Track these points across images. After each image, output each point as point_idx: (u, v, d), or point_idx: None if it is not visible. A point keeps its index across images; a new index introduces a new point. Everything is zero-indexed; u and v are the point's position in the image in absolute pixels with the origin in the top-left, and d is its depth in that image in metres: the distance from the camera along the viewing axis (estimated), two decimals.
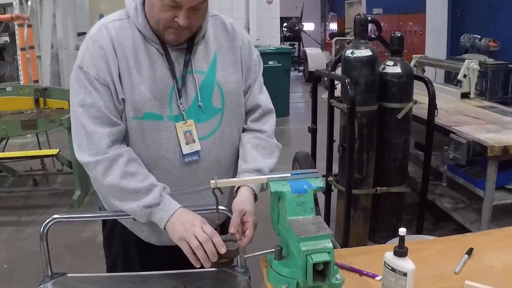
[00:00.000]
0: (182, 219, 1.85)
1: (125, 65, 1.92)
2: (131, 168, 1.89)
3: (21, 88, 6.24)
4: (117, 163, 1.87)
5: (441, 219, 4.60)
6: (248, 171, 2.05)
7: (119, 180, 1.87)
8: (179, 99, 1.96)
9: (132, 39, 1.94)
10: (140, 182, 1.88)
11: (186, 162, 1.99)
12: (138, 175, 1.89)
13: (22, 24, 8.07)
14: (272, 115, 2.28)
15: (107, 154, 1.87)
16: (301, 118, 10.32)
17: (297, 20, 19.29)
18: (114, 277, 2.17)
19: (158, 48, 1.96)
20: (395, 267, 1.54)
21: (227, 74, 2.08)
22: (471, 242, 2.05)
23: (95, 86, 1.90)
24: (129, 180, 1.87)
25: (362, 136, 3.74)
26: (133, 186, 1.87)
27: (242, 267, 2.09)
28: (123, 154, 1.89)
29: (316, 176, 1.80)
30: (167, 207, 1.88)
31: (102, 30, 1.95)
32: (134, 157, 1.93)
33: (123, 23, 1.97)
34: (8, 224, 5.44)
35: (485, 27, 8.98)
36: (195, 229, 1.80)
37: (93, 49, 1.92)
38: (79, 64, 1.93)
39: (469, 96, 4.98)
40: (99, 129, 1.89)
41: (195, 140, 1.99)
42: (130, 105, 1.92)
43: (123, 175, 1.87)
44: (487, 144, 3.42)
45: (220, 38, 2.11)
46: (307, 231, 1.61)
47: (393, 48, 3.83)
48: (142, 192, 1.87)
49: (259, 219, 1.95)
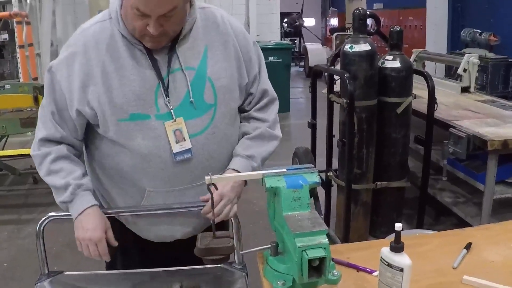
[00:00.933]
0: (84, 223, 1.97)
1: (104, 70, 1.91)
2: (56, 166, 1.99)
3: (20, 86, 6.20)
4: (44, 161, 2.00)
5: (442, 214, 4.59)
6: (240, 155, 2.08)
7: (45, 176, 2.01)
8: (166, 98, 1.94)
9: (113, 41, 1.93)
10: (59, 179, 1.98)
11: (178, 160, 1.97)
12: (61, 172, 1.99)
13: (21, 22, 8.04)
14: (276, 103, 2.28)
15: (39, 151, 2.01)
16: (302, 114, 10.30)
17: (297, 16, 19.27)
18: (111, 275, 2.16)
19: (141, 49, 1.93)
20: (391, 262, 1.53)
21: (219, 69, 2.03)
22: (470, 237, 2.03)
23: (55, 89, 1.96)
24: (52, 177, 1.99)
25: (361, 131, 3.73)
26: (53, 183, 1.99)
27: (239, 264, 2.09)
28: (51, 153, 2.00)
29: (312, 171, 1.79)
30: (77, 206, 1.97)
31: (78, 36, 1.97)
32: (62, 155, 2.01)
33: (104, 25, 1.95)
34: (8, 222, 5.43)
35: (485, 22, 8.96)
36: (90, 243, 1.95)
37: (66, 54, 1.96)
38: (51, 63, 1.99)
39: (469, 90, 4.96)
40: (42, 127, 2.01)
41: (186, 138, 1.97)
42: (114, 108, 1.92)
43: (48, 173, 2.00)
44: (487, 138, 3.41)
45: (211, 32, 2.05)
46: (303, 227, 1.60)
47: (392, 42, 3.82)
48: (60, 189, 1.98)
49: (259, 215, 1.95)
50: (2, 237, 5.07)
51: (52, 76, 1.96)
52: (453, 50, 9.17)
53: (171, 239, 2.15)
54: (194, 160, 2.00)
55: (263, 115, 2.20)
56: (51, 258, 2.00)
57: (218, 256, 1.80)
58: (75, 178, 1.98)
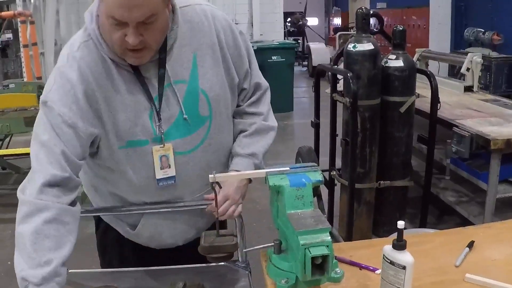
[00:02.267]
0: None
1: (102, 95, 1.78)
2: (48, 229, 1.64)
3: (24, 85, 6.22)
4: (38, 215, 1.65)
5: (445, 213, 4.59)
6: (241, 155, 2.05)
7: (29, 233, 1.63)
8: (158, 122, 1.86)
9: (102, 64, 1.78)
10: (43, 250, 1.62)
11: (160, 186, 1.93)
12: (49, 241, 1.64)
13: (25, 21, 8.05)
14: (268, 92, 2.20)
15: (36, 200, 1.67)
16: (305, 113, 10.28)
17: (300, 15, 19.25)
18: (114, 273, 2.16)
19: (128, 70, 1.81)
20: (393, 260, 1.53)
21: (210, 77, 1.94)
22: (472, 235, 2.03)
23: (56, 125, 1.72)
24: (37, 240, 1.63)
25: (364, 130, 3.73)
26: (32, 248, 1.62)
27: (243, 262, 2.09)
28: (50, 208, 1.66)
29: (315, 170, 1.79)
30: None
31: (70, 61, 1.77)
32: (61, 220, 1.68)
33: (88, 46, 1.79)
34: (12, 221, 5.32)
35: (488, 21, 8.94)
36: None
37: (61, 82, 1.75)
38: (43, 99, 1.75)
39: (472, 89, 4.97)
40: (46, 166, 1.70)
41: (171, 165, 1.91)
42: (114, 135, 1.83)
43: (36, 231, 1.63)
44: (490, 137, 3.41)
45: (197, 35, 1.92)
46: (306, 225, 1.61)
47: (395, 41, 3.82)
48: (34, 262, 1.62)
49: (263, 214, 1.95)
50: (6, 235, 5.08)
51: (49, 110, 1.73)
52: (456, 49, 9.14)
53: (173, 246, 2.14)
54: (194, 174, 1.98)
55: (257, 109, 2.14)
56: None
57: (222, 254, 1.81)
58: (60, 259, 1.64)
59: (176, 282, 1.87)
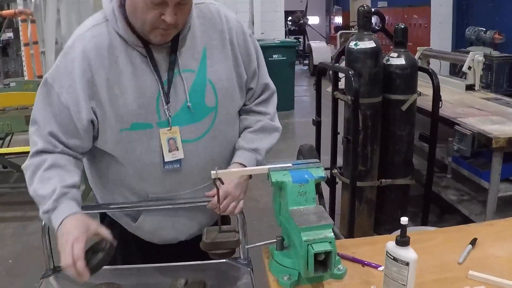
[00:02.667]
0: (63, 229, 1.72)
1: (104, 77, 1.83)
2: (49, 174, 1.81)
3: (25, 83, 6.22)
4: (39, 169, 1.82)
5: (446, 211, 4.58)
6: (245, 148, 2.05)
7: (36, 186, 1.81)
8: (165, 105, 1.88)
9: (111, 46, 1.84)
10: (48, 188, 1.78)
11: (166, 170, 1.94)
12: (52, 180, 1.79)
13: (25, 20, 8.05)
14: (275, 96, 2.25)
15: (32, 160, 1.84)
16: (306, 112, 10.29)
17: (301, 14, 19.27)
18: (117, 270, 2.15)
19: (141, 51, 1.86)
20: (397, 256, 1.53)
21: (219, 70, 1.99)
22: (475, 233, 2.03)
23: (51, 103, 1.83)
24: (42, 185, 1.80)
25: (366, 128, 3.73)
26: (41, 192, 1.79)
27: (244, 259, 2.09)
28: (46, 160, 1.82)
29: (317, 166, 1.79)
30: (59, 213, 1.76)
31: (76, 42, 1.85)
32: (58, 164, 1.83)
33: (100, 28, 1.86)
34: (13, 219, 5.45)
35: (490, 20, 8.94)
36: (66, 248, 1.65)
37: (64, 63, 1.84)
38: (45, 77, 1.86)
39: (474, 88, 4.96)
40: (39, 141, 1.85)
41: (179, 148, 1.92)
42: (115, 118, 1.85)
43: (40, 180, 1.81)
44: (492, 136, 3.40)
45: (208, 30, 1.99)
46: (308, 221, 1.60)
47: (397, 39, 3.81)
48: (45, 198, 1.77)
49: (264, 212, 1.95)
50: (7, 234, 5.09)
51: (48, 89, 1.83)
52: (457, 48, 9.15)
53: (175, 241, 2.14)
54: (197, 164, 1.98)
55: (264, 109, 2.17)
56: (56, 254, 1.99)
57: (224, 250, 1.81)
58: (63, 186, 1.79)
59: (178, 279, 1.86)
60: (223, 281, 2.01)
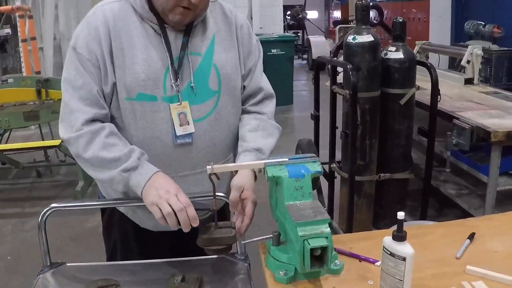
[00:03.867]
0: (157, 184, 1.83)
1: (118, 46, 1.91)
2: (112, 140, 1.89)
3: (22, 79, 6.22)
4: (98, 136, 1.88)
5: (445, 205, 4.59)
6: (248, 150, 2.05)
7: (99, 151, 1.87)
8: (174, 80, 1.94)
9: (128, 20, 1.93)
10: (119, 151, 1.87)
11: (178, 144, 1.98)
12: (118, 146, 1.89)
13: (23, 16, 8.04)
14: (273, 100, 2.28)
15: (90, 128, 1.88)
16: (305, 106, 10.28)
17: (300, 8, 19.27)
18: (114, 266, 2.15)
19: (156, 29, 1.95)
20: (393, 251, 1.51)
21: (225, 57, 2.06)
22: (473, 227, 2.02)
23: (87, 68, 1.90)
24: (109, 150, 1.87)
25: (364, 122, 3.72)
26: (112, 155, 1.86)
27: (241, 254, 2.08)
28: (104, 127, 1.90)
29: (314, 161, 1.78)
30: (144, 171, 1.87)
31: (97, 12, 1.94)
32: (115, 132, 1.93)
33: (120, 4, 1.96)
34: (12, 216, 5.45)
35: (489, 13, 8.93)
36: (170, 196, 1.78)
37: (87, 31, 1.92)
38: (72, 45, 1.94)
39: (472, 82, 4.95)
40: (86, 108, 1.90)
41: (189, 122, 1.97)
42: (123, 85, 1.91)
43: (104, 146, 1.87)
44: (491, 130, 3.40)
45: (219, 22, 2.09)
46: (305, 216, 1.60)
47: (395, 33, 3.80)
48: (121, 160, 1.86)
49: (262, 207, 1.94)
50: (6, 230, 5.09)
51: (78, 56, 1.91)
52: (456, 42, 9.13)
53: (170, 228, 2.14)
54: (196, 146, 2.01)
55: (259, 109, 2.21)
56: (54, 250, 1.99)
57: (220, 246, 1.80)
58: (134, 147, 1.91)
59: (175, 275, 1.86)
60: (220, 277, 2.00)
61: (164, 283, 1.85)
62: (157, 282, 1.92)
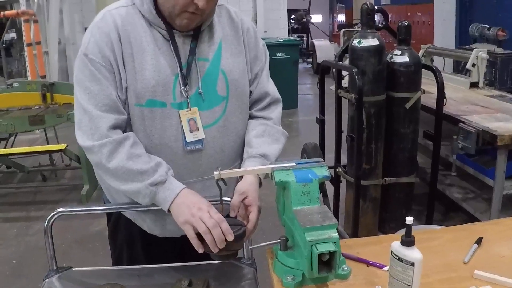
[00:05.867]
0: (188, 201, 1.82)
1: (129, 51, 1.90)
2: (137, 150, 1.87)
3: (28, 83, 6.23)
4: (123, 145, 1.85)
5: (451, 210, 4.58)
6: (254, 156, 2.04)
7: (125, 162, 1.84)
8: (183, 86, 1.93)
9: (136, 25, 1.92)
10: (146, 163, 1.84)
11: (189, 150, 1.96)
12: (143, 157, 1.86)
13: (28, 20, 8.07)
14: (279, 105, 2.26)
15: (113, 137, 1.85)
16: (310, 110, 10.29)
17: (305, 12, 19.30)
18: (119, 270, 2.15)
19: (164, 34, 1.93)
20: (402, 256, 1.51)
21: (232, 62, 2.04)
22: (481, 231, 2.01)
23: (102, 73, 1.88)
24: (135, 162, 1.84)
25: (370, 126, 3.71)
26: (139, 167, 1.83)
27: (248, 259, 2.08)
28: (129, 137, 1.88)
29: (321, 165, 1.77)
30: (173, 186, 1.85)
31: (107, 17, 1.93)
32: (138, 141, 1.90)
33: (128, 10, 1.95)
34: (17, 219, 5.45)
35: (493, 17, 8.93)
36: (203, 213, 1.76)
37: (98, 36, 1.89)
38: (84, 52, 1.91)
39: (478, 85, 4.94)
40: (106, 114, 1.87)
41: (199, 128, 1.96)
42: (133, 91, 1.90)
43: (129, 157, 1.84)
44: (497, 133, 3.39)
45: (226, 27, 2.08)
46: (312, 221, 1.59)
47: (400, 37, 3.79)
48: (148, 173, 1.83)
49: (268, 211, 1.94)
50: (11, 234, 5.09)
51: (92, 63, 1.88)
52: (461, 45, 9.13)
53: (178, 234, 2.13)
54: (204, 152, 1.99)
55: (266, 114, 2.20)
56: (60, 254, 1.99)
57: (227, 252, 1.79)
58: (161, 160, 1.90)
59: (181, 280, 1.86)
60: (226, 282, 1.99)
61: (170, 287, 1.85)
62: (164, 287, 1.92)
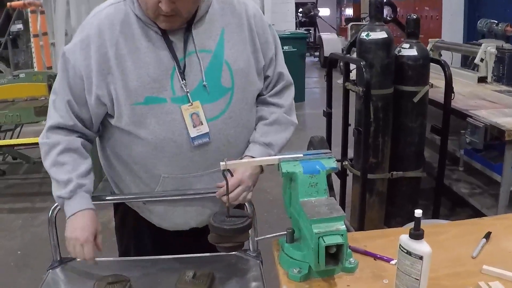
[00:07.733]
0: (76, 224, 1.90)
1: (117, 52, 1.87)
2: (63, 158, 1.94)
3: (34, 74, 6.21)
4: (52, 151, 1.95)
5: (458, 205, 4.55)
6: (257, 142, 2.05)
7: (50, 167, 1.95)
8: (182, 80, 1.90)
9: (127, 23, 1.89)
10: (65, 174, 1.92)
11: (196, 145, 1.94)
12: (66, 166, 1.94)
13: (35, 11, 8.04)
14: (292, 88, 2.26)
15: (49, 140, 1.96)
16: (317, 104, 10.27)
17: (312, 5, 19.28)
18: (124, 262, 2.15)
19: (156, 31, 1.90)
20: (410, 250, 1.49)
21: (236, 52, 2.00)
22: (489, 226, 2.00)
23: (67, 75, 1.92)
24: (57, 169, 1.93)
25: (377, 120, 3.69)
26: (57, 177, 1.93)
27: (254, 251, 2.07)
28: (60, 143, 1.95)
29: (329, 157, 1.76)
30: (74, 204, 1.92)
31: (92, 19, 1.93)
32: (70, 147, 1.96)
33: (118, 7, 1.92)
34: (23, 210, 5.46)
35: (502, 12, 8.86)
36: (76, 242, 1.88)
37: (79, 37, 1.91)
38: (63, 49, 1.95)
39: (486, 80, 4.91)
40: (54, 114, 1.96)
41: (203, 122, 1.93)
42: (126, 93, 1.88)
43: (54, 163, 1.94)
44: (505, 128, 3.36)
45: (228, 14, 2.02)
46: (320, 213, 1.58)
47: (409, 30, 3.76)
48: (60, 184, 1.92)
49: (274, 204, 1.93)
50: (16, 225, 5.10)
51: (65, 61, 1.90)
52: (469, 41, 9.08)
53: (186, 227, 2.13)
54: (211, 146, 1.97)
55: (279, 100, 2.17)
56: (64, 246, 1.98)
57: (232, 243, 1.78)
58: (78, 176, 1.93)
59: (186, 271, 1.85)
60: (231, 274, 1.98)
61: (175, 279, 1.84)
62: (168, 278, 1.91)
